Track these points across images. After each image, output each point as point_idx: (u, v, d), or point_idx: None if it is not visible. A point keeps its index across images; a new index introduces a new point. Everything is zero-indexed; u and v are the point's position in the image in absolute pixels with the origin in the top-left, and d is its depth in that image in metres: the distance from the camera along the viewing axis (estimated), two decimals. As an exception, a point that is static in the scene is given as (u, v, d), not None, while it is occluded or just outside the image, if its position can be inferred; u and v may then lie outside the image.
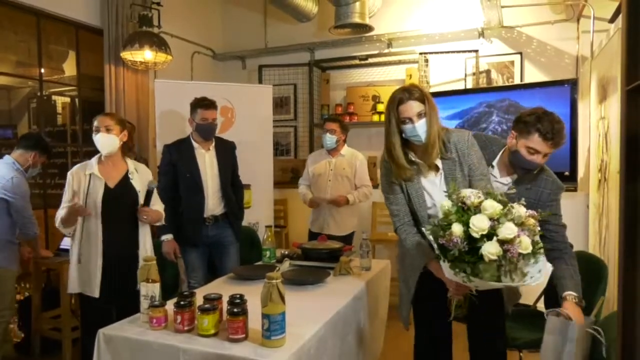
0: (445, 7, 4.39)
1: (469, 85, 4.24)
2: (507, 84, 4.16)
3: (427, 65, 4.32)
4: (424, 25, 4.43)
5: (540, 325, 2.39)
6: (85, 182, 2.37)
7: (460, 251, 1.51)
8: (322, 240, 2.81)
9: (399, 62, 4.56)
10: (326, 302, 1.99)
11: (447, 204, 1.60)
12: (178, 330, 1.66)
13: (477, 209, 1.55)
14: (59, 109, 4.87)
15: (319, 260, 2.60)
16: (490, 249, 1.47)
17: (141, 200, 2.48)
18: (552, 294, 2.51)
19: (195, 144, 2.96)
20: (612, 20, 3.12)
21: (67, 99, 4.75)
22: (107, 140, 2.39)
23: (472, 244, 1.51)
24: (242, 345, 1.55)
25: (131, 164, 2.55)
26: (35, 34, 3.60)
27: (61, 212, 2.36)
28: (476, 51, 4.19)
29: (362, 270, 2.49)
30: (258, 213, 3.92)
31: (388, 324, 2.75)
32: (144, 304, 1.78)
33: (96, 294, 2.34)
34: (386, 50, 4.57)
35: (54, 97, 4.75)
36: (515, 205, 1.55)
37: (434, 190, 1.89)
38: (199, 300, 1.74)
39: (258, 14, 5.18)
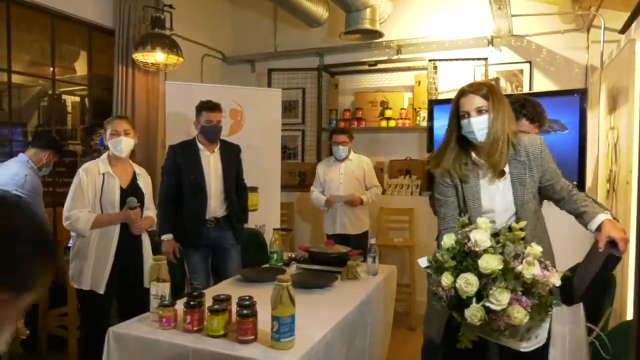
0: (455, 14, 4.41)
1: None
2: (516, 92, 4.17)
3: (436, 72, 4.33)
4: (433, 32, 4.44)
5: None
6: (99, 180, 2.42)
7: (448, 303, 1.38)
8: (330, 245, 2.82)
9: (408, 69, 4.58)
10: (334, 306, 2.00)
11: (451, 240, 1.45)
12: (187, 330, 1.68)
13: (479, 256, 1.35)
14: (69, 109, 4.92)
15: (326, 264, 2.60)
16: (475, 313, 1.30)
17: (146, 202, 2.58)
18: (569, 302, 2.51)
19: (200, 146, 2.98)
20: (622, 31, 3.12)
21: (77, 99, 4.80)
22: (128, 144, 2.49)
23: (460, 299, 1.35)
24: (252, 347, 1.56)
25: (135, 166, 2.64)
26: (48, 34, 3.64)
27: (87, 216, 2.37)
28: (485, 59, 4.20)
29: (370, 275, 2.49)
30: (265, 216, 3.93)
31: (393, 330, 2.75)
32: (154, 303, 1.79)
33: (102, 290, 2.40)
34: (395, 57, 4.59)
35: (64, 97, 4.80)
36: (525, 262, 1.31)
37: (496, 195, 1.76)
38: (208, 301, 1.75)
39: (268, 18, 5.21)
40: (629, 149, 2.47)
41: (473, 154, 1.76)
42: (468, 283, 1.31)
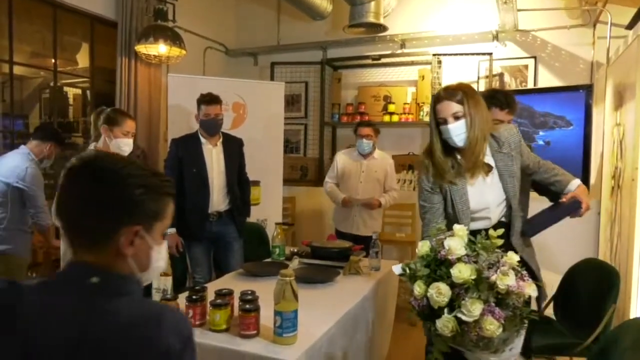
0: (460, 9, 4.37)
1: (482, 89, 4.22)
2: (520, 87, 4.14)
3: (440, 66, 4.30)
4: (438, 27, 4.41)
5: (550, 331, 2.39)
6: None
7: (420, 313, 1.35)
8: (332, 239, 2.81)
9: (412, 63, 4.55)
10: (336, 301, 1.99)
11: (425, 247, 1.41)
12: (189, 324, 1.67)
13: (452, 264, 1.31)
14: (71, 101, 4.91)
15: (328, 259, 2.60)
16: (447, 324, 1.26)
17: None
18: (562, 301, 2.51)
19: (202, 140, 2.97)
20: (630, 26, 3.08)
21: (79, 91, 4.78)
22: (131, 146, 2.50)
23: (432, 309, 1.31)
24: (254, 341, 1.55)
25: None
26: (51, 25, 3.61)
27: None
28: (490, 54, 4.17)
29: (372, 270, 2.49)
30: (267, 210, 3.92)
31: (394, 325, 2.75)
32: (156, 297, 1.79)
33: None
34: (399, 51, 4.56)
35: (65, 89, 4.78)
36: (499, 272, 1.25)
37: (485, 191, 1.77)
38: (210, 295, 1.74)
39: (271, 11, 5.17)
40: (635, 146, 2.45)
41: (458, 156, 1.77)
42: (440, 293, 1.27)
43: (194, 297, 1.68)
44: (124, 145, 2.45)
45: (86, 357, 0.74)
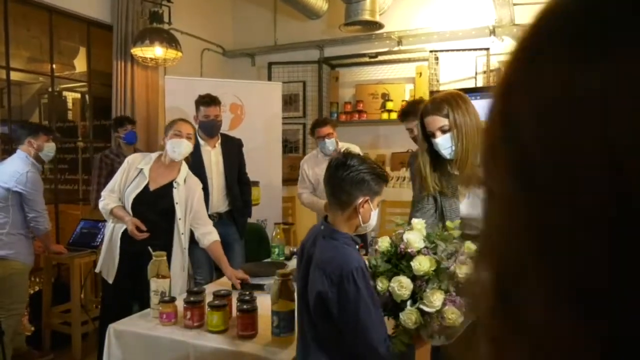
0: (456, 4, 4.35)
1: (480, 84, 4.21)
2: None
3: (437, 63, 4.29)
4: (434, 23, 4.40)
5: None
6: (133, 174, 2.38)
7: (384, 307, 1.35)
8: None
9: (409, 60, 4.54)
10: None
11: (385, 242, 1.42)
12: (188, 326, 1.67)
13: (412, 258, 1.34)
14: (70, 105, 4.92)
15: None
16: (410, 316, 1.28)
17: (178, 213, 2.37)
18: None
19: (201, 141, 2.97)
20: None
21: (78, 95, 4.79)
22: (188, 148, 2.39)
23: (395, 302, 1.33)
24: (252, 342, 1.56)
25: (184, 173, 2.47)
26: (47, 30, 3.62)
27: (109, 202, 2.33)
28: (487, 49, 4.15)
29: (371, 269, 2.48)
30: (267, 210, 3.92)
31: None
32: (154, 299, 1.79)
33: (110, 280, 2.37)
34: (396, 48, 4.55)
35: (64, 93, 4.79)
36: (458, 261, 1.29)
37: (479, 203, 1.72)
38: (208, 296, 1.74)
39: (268, 11, 5.17)
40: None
41: (449, 167, 1.75)
42: (401, 286, 1.29)
43: (191, 298, 1.69)
44: (176, 146, 2.37)
45: None
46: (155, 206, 2.36)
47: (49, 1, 3.46)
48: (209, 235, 2.45)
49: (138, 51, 3.64)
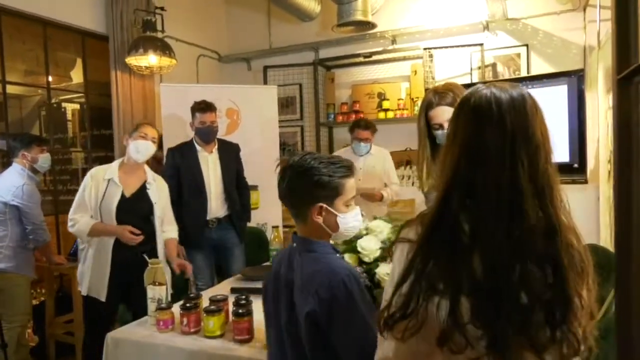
0: (449, 0, 4.35)
1: (475, 80, 4.20)
2: (513, 76, 4.11)
3: (431, 60, 4.28)
4: (427, 20, 4.40)
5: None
6: (103, 186, 2.39)
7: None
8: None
9: (404, 59, 4.53)
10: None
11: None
12: (184, 332, 1.68)
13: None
14: (69, 116, 4.94)
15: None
16: (385, 270, 1.30)
17: (156, 211, 2.46)
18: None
19: (198, 147, 2.98)
20: (618, 8, 3.06)
21: (77, 106, 4.81)
22: (149, 149, 2.45)
23: (370, 274, 1.34)
24: (248, 346, 1.56)
25: (150, 173, 2.55)
26: (42, 43, 3.64)
27: (87, 221, 2.33)
28: (481, 45, 4.15)
29: (370, 269, 2.48)
30: (266, 214, 3.92)
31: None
32: (151, 306, 1.80)
33: (103, 297, 2.37)
34: (390, 47, 4.55)
35: (63, 105, 4.82)
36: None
37: None
38: (205, 302, 1.75)
39: (262, 15, 5.18)
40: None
41: None
42: (369, 241, 1.42)
43: (187, 304, 1.69)
44: (138, 147, 2.44)
45: None
46: (136, 211, 2.41)
47: (44, 14, 3.48)
48: (168, 233, 2.57)
49: (132, 60, 3.66)
